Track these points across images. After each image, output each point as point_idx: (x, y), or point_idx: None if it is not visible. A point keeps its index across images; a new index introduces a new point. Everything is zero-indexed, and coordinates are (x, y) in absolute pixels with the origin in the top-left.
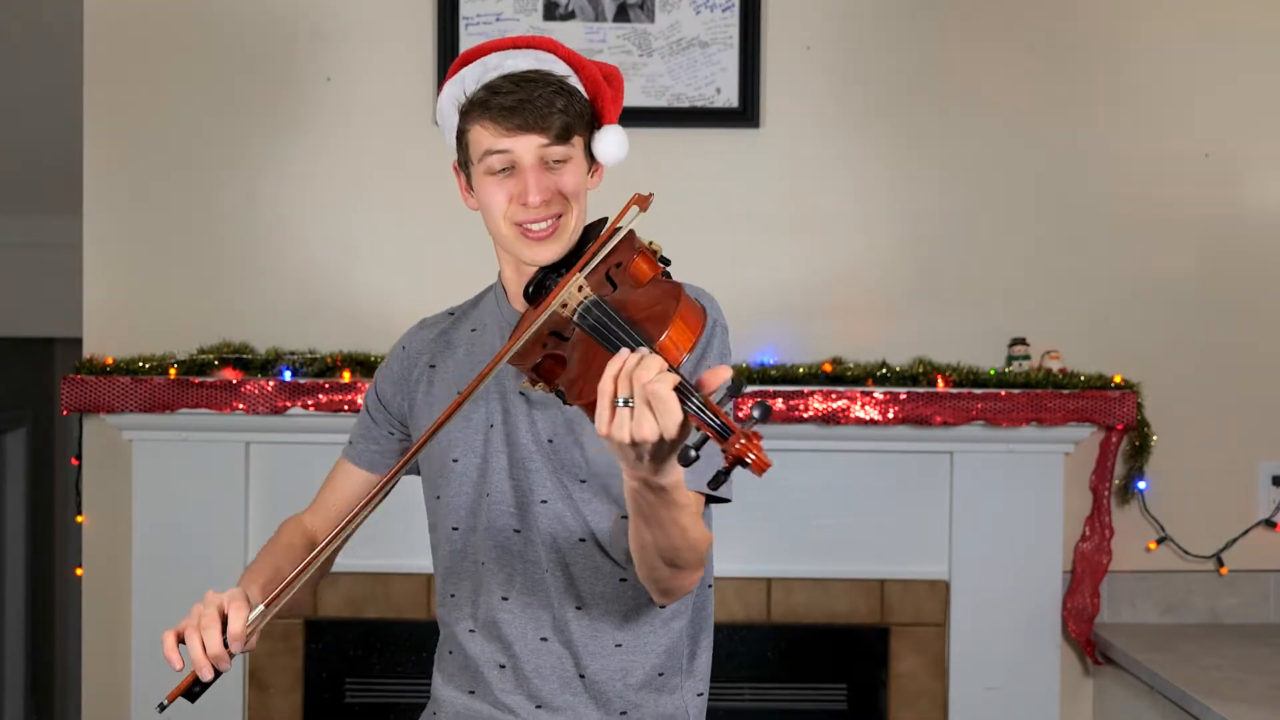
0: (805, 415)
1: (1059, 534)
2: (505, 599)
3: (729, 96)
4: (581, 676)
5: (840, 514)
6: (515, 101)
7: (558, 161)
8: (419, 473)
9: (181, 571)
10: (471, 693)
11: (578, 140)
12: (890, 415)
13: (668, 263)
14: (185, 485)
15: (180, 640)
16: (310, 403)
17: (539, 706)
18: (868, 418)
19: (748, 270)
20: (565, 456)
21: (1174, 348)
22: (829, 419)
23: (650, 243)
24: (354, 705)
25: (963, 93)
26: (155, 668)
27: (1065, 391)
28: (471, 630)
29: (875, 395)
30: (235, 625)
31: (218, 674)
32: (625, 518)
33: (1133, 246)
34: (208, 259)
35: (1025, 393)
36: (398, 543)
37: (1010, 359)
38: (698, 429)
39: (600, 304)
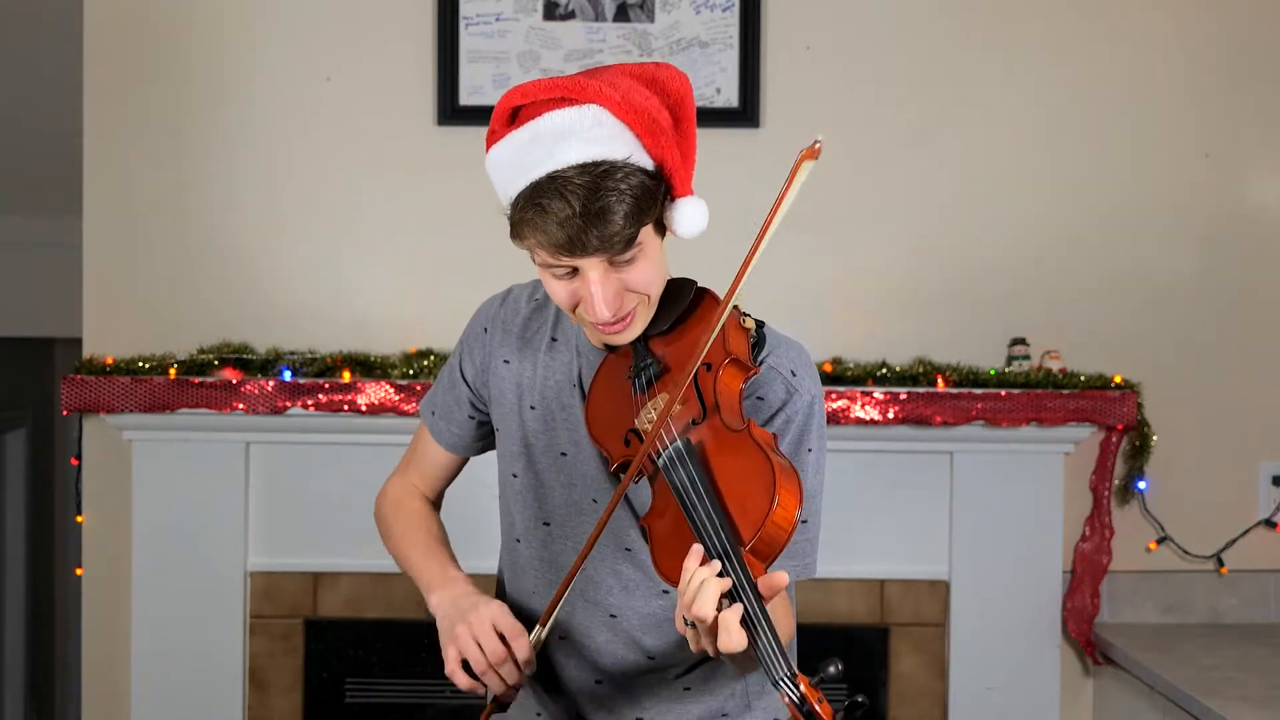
0: None
1: (1059, 534)
2: (563, 638)
3: (729, 96)
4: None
5: (840, 514)
6: (570, 228)
7: (626, 260)
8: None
9: (181, 571)
10: (539, 714)
11: (646, 230)
12: (890, 415)
13: (761, 325)
14: (185, 485)
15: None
16: (310, 403)
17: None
18: (868, 418)
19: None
20: (643, 504)
21: (1174, 348)
22: (829, 419)
23: (744, 319)
24: (354, 705)
25: (963, 93)
26: (155, 668)
27: (1065, 391)
28: (563, 637)
29: (875, 395)
30: (523, 653)
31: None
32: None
33: (1133, 246)
34: (208, 259)
35: (1025, 393)
36: None
37: (1010, 359)
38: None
39: (685, 461)
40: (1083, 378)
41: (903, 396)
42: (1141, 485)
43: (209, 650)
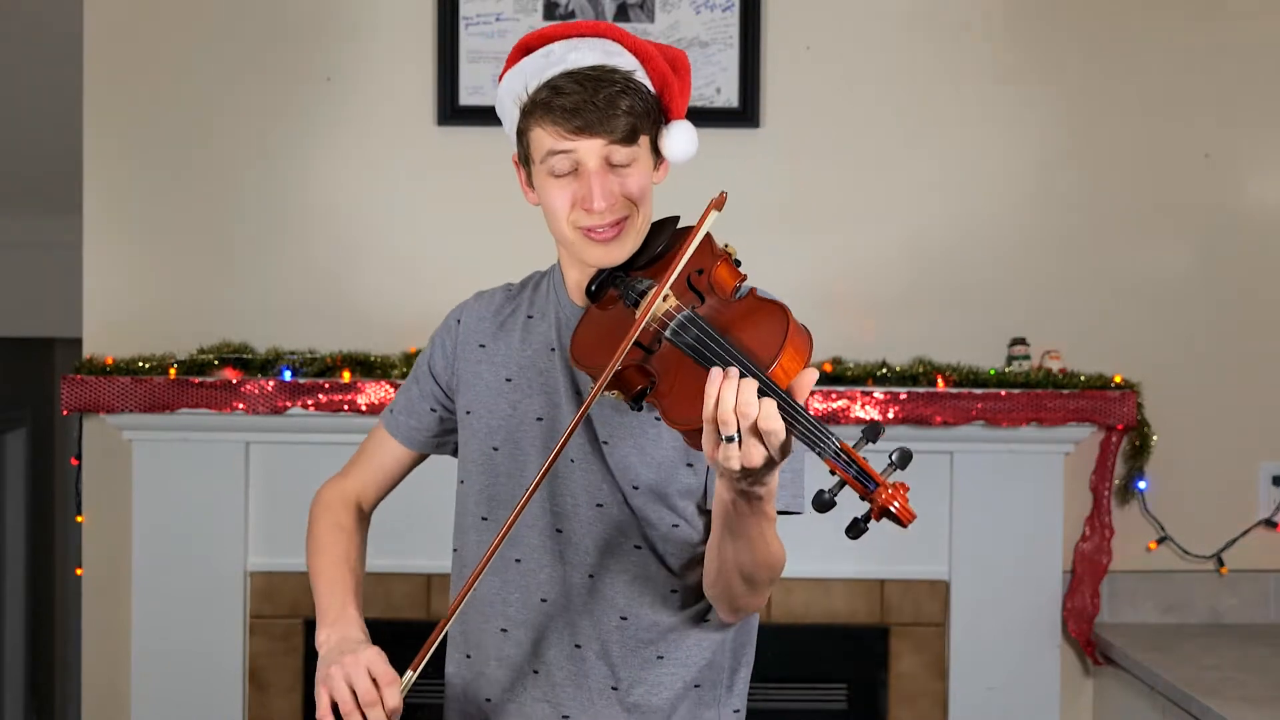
0: None
1: (1059, 534)
2: (544, 600)
3: (729, 96)
4: (614, 689)
5: (840, 514)
6: (578, 102)
7: (622, 164)
8: (454, 453)
9: (181, 571)
10: (488, 700)
11: (644, 139)
12: (890, 415)
13: (740, 264)
14: (185, 485)
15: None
16: (310, 403)
17: (565, 717)
18: (868, 418)
19: (747, 270)
20: (620, 461)
21: (1174, 348)
22: (829, 419)
23: (726, 245)
24: None
25: (962, 93)
26: (155, 668)
27: (1065, 391)
28: (504, 630)
29: (875, 395)
30: (391, 701)
31: None
32: (677, 527)
33: (1133, 246)
34: (208, 259)
35: (1025, 393)
36: (398, 543)
37: (1010, 359)
38: (831, 472)
39: (695, 321)
40: (1083, 378)
41: (903, 396)
42: (1141, 485)
43: (209, 650)
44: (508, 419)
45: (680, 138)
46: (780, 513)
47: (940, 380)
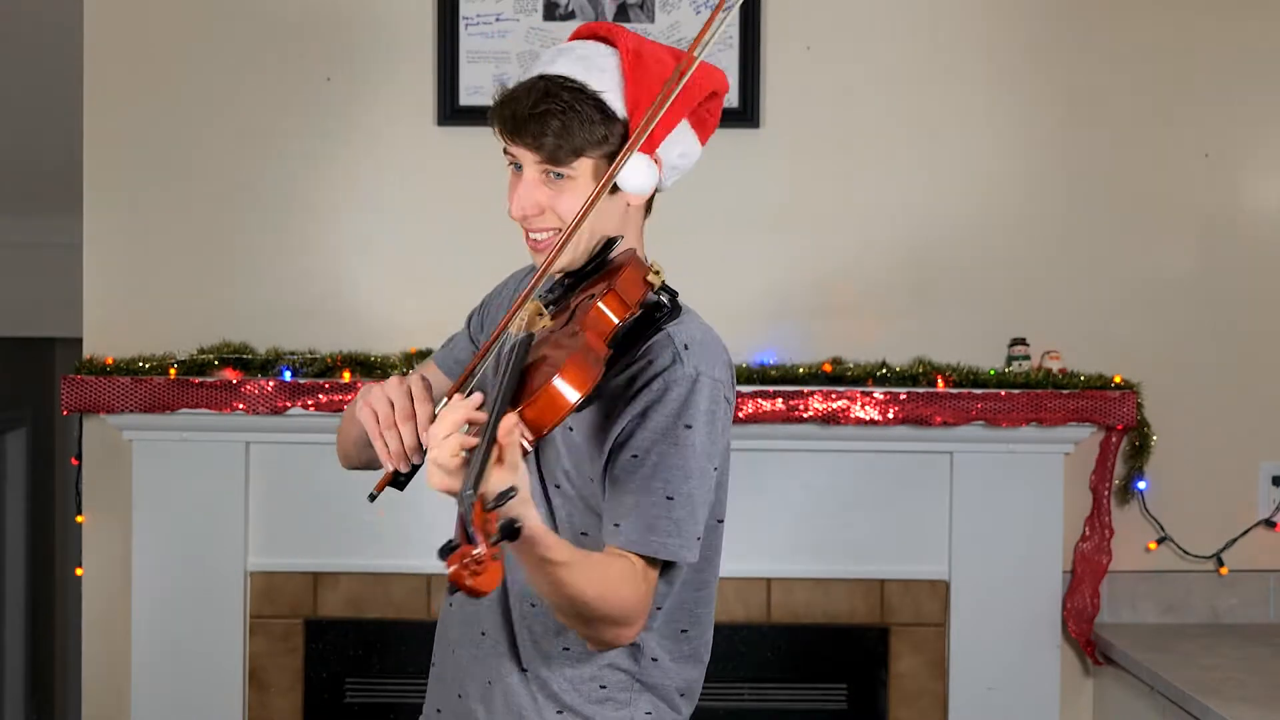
0: (805, 415)
1: (1059, 534)
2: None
3: (729, 96)
4: (524, 670)
5: (840, 514)
6: (513, 112)
7: (559, 178)
8: None
9: (181, 571)
10: (437, 679)
11: (582, 163)
12: (890, 415)
13: (673, 292)
14: (185, 485)
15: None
16: (310, 403)
17: (489, 682)
18: (868, 418)
19: (748, 270)
20: (548, 461)
21: (1174, 348)
22: (829, 419)
23: (657, 273)
24: (354, 705)
25: (962, 93)
26: (155, 668)
27: (1065, 392)
28: (450, 604)
29: (875, 395)
30: (424, 412)
31: (414, 469)
32: (585, 535)
33: (1133, 246)
34: (208, 259)
35: (1025, 393)
36: (398, 543)
37: (1010, 359)
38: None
39: (523, 344)
40: (1083, 378)
41: (903, 396)
42: (1141, 485)
43: (209, 650)
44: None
45: (630, 170)
46: (649, 559)
47: (940, 380)
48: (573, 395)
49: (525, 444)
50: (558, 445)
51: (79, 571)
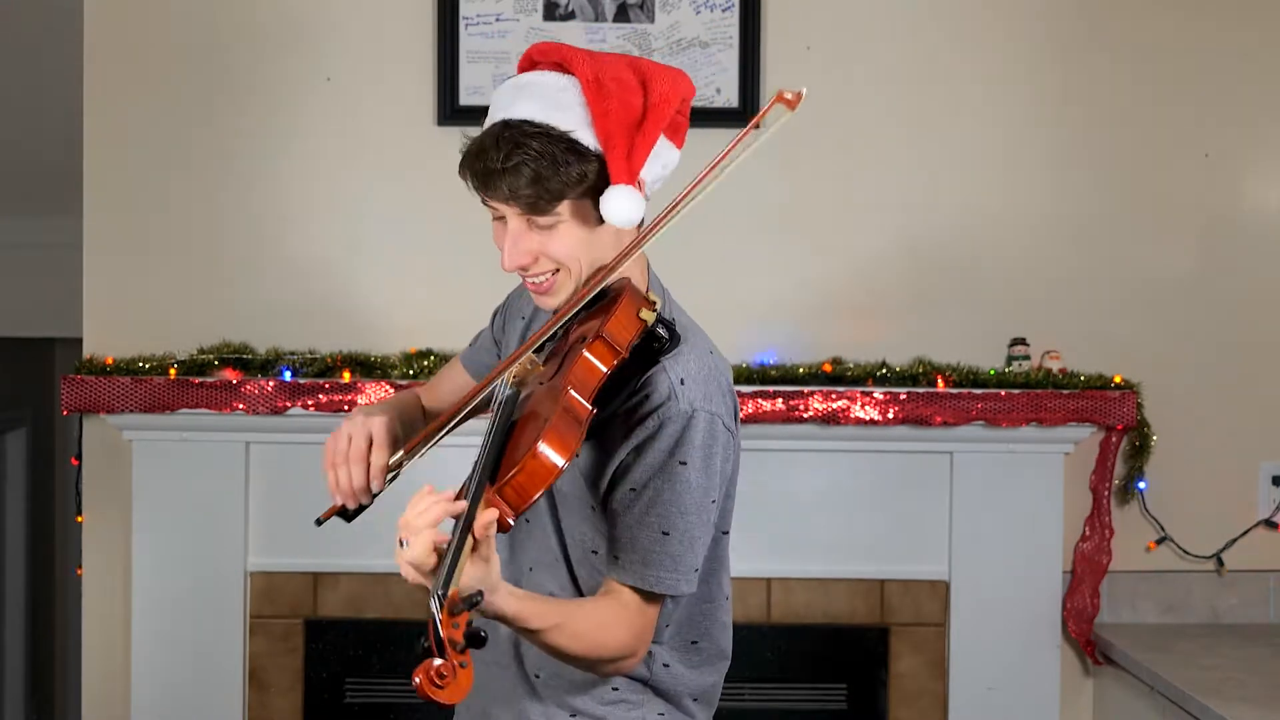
0: (805, 415)
1: (1059, 534)
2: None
3: (729, 96)
4: (537, 676)
5: (840, 514)
6: (487, 168)
7: (544, 226)
8: None
9: (181, 571)
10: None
11: (564, 206)
12: (890, 415)
13: (670, 324)
14: (185, 485)
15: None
16: (310, 403)
17: (486, 714)
18: (868, 418)
19: (748, 270)
20: (559, 481)
21: (1174, 348)
22: (829, 419)
23: (647, 294)
24: (354, 705)
25: (962, 93)
26: (155, 668)
27: (1065, 391)
28: None
29: (875, 395)
30: (379, 460)
31: (361, 506)
32: (595, 553)
33: (1133, 246)
34: (208, 259)
35: (1025, 393)
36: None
37: (1010, 359)
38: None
39: (505, 403)
40: (1083, 378)
41: (903, 396)
42: (1141, 485)
43: (209, 650)
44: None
45: (613, 204)
46: (647, 592)
47: (940, 380)
48: (553, 466)
49: (508, 521)
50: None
51: (79, 571)
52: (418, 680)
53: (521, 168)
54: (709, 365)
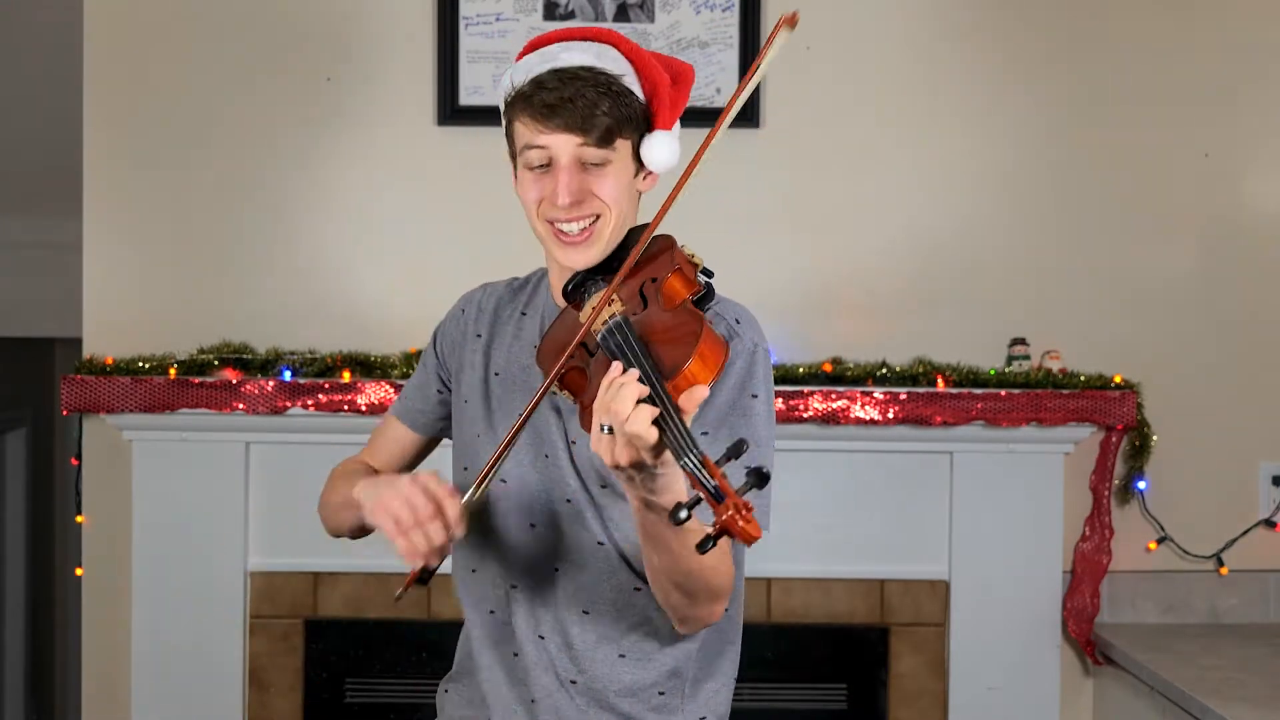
0: (805, 415)
1: (1059, 534)
2: (514, 588)
3: (729, 96)
4: (574, 682)
5: (840, 514)
6: (556, 99)
7: (596, 164)
8: (451, 436)
9: (181, 571)
10: (468, 674)
11: (622, 144)
12: (890, 415)
13: (710, 274)
14: (185, 485)
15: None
16: (310, 403)
17: (533, 701)
18: (868, 418)
19: (748, 270)
20: (587, 460)
21: (1174, 348)
22: (829, 419)
23: (692, 256)
24: (354, 705)
25: (962, 93)
26: (155, 668)
27: (1065, 391)
28: (492, 612)
29: (875, 395)
30: (452, 512)
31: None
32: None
33: (1133, 246)
34: (208, 259)
35: (1025, 393)
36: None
37: (1010, 359)
38: (692, 486)
39: (624, 326)
40: (1083, 378)
41: (903, 396)
42: (1141, 485)
43: (209, 650)
44: (493, 412)
45: (662, 148)
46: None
47: (940, 380)
48: (721, 345)
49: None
50: (594, 454)
51: (79, 571)
52: (725, 516)
53: (597, 99)
54: (746, 310)
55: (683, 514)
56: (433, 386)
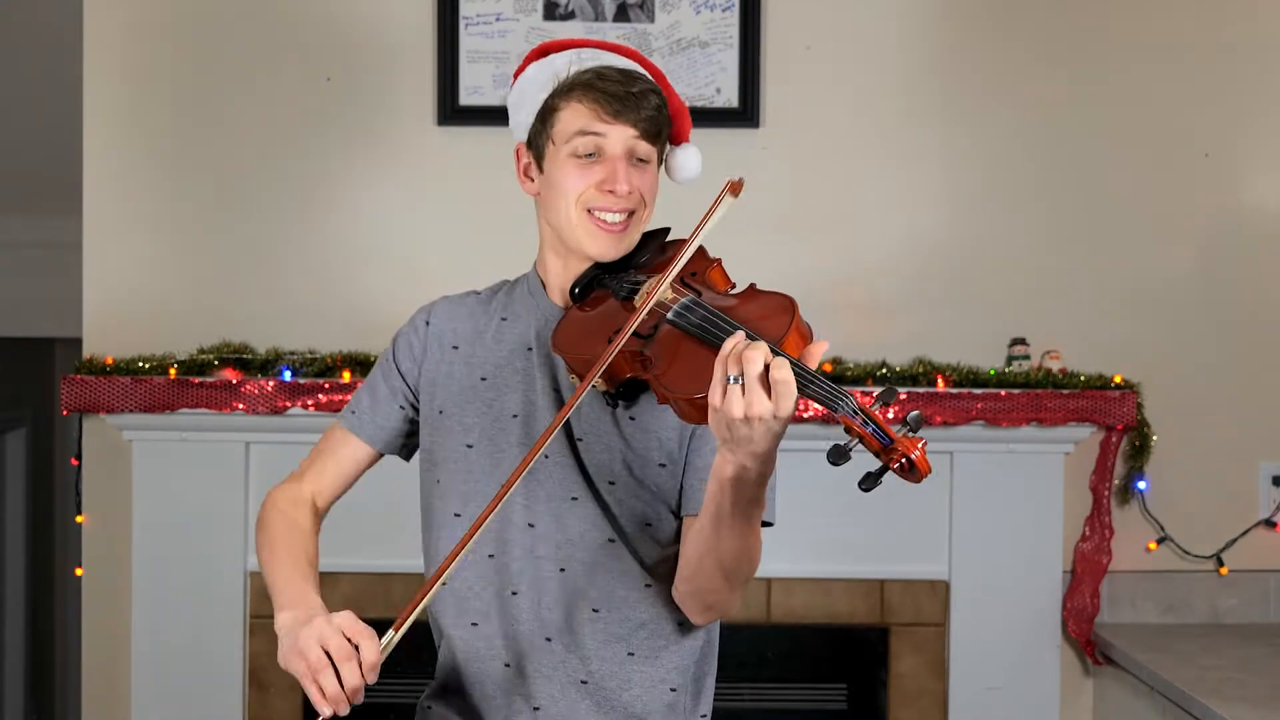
0: (805, 415)
1: (1059, 534)
2: (515, 594)
3: (729, 96)
4: (584, 683)
5: (840, 514)
6: (619, 90)
7: (641, 160)
8: (404, 455)
9: (181, 571)
10: (458, 692)
11: (660, 147)
12: (890, 415)
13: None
14: (185, 485)
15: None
16: (310, 403)
17: (536, 709)
18: None
19: (747, 270)
20: (595, 458)
21: (1174, 348)
22: (829, 419)
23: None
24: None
25: (962, 93)
26: (155, 668)
27: (1065, 391)
28: (474, 624)
29: (875, 395)
30: (370, 655)
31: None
32: (650, 525)
33: (1133, 246)
34: (208, 259)
35: (1025, 393)
36: (398, 542)
37: (1010, 359)
38: (847, 430)
39: (700, 304)
40: (1083, 378)
41: (903, 396)
42: (1141, 485)
43: (209, 650)
44: (483, 416)
45: (692, 159)
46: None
47: (940, 380)
48: (807, 328)
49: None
50: (613, 439)
51: (79, 571)
52: (916, 454)
53: (650, 95)
54: None
55: (846, 448)
56: (396, 402)
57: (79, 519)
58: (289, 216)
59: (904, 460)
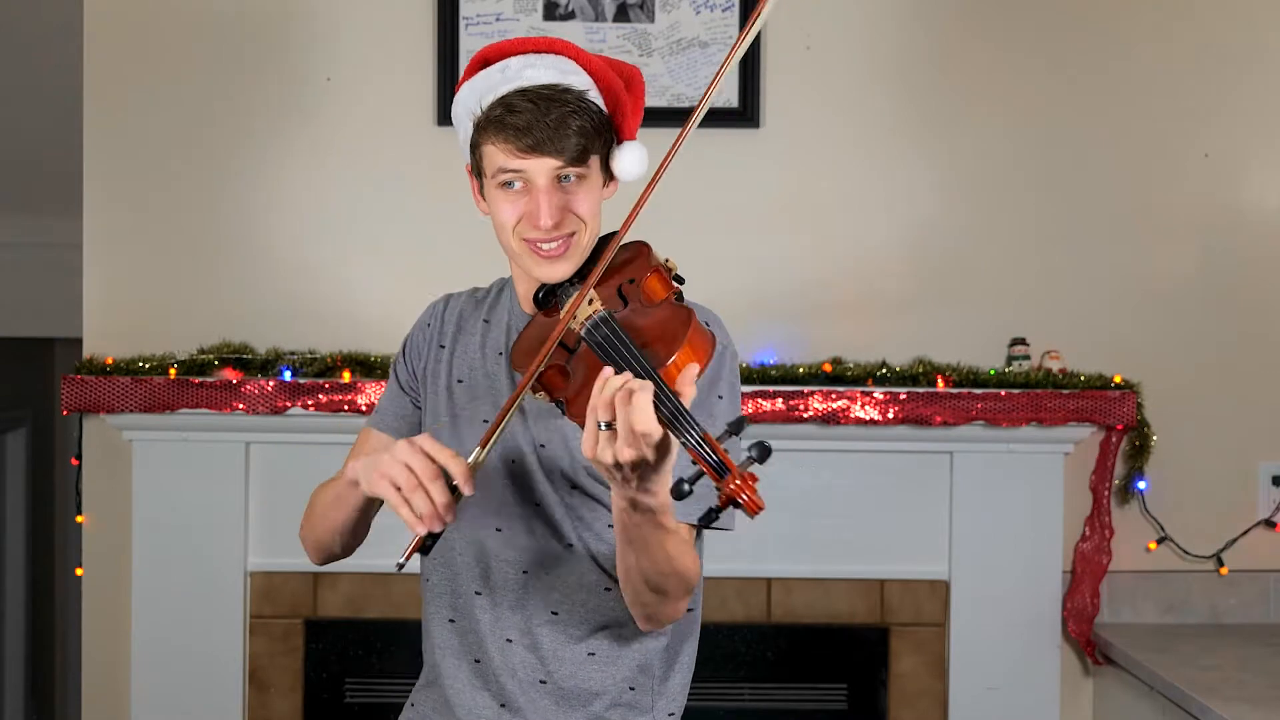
0: (805, 415)
1: (1059, 534)
2: (479, 594)
3: (729, 96)
4: (543, 682)
5: (840, 514)
6: (530, 121)
7: (571, 182)
8: None
9: (181, 571)
10: (431, 683)
11: (593, 160)
12: (890, 415)
13: (682, 281)
14: (185, 485)
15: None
16: (310, 403)
17: (502, 705)
18: (868, 418)
19: (748, 270)
20: (556, 463)
21: (1174, 348)
22: (829, 419)
23: (666, 260)
24: (354, 705)
25: (963, 92)
26: (155, 668)
27: (1065, 391)
28: (451, 620)
29: (875, 395)
30: (458, 468)
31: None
32: (611, 527)
33: (1133, 246)
34: (208, 259)
35: (1025, 393)
36: (397, 543)
37: (1010, 359)
38: (693, 463)
39: (609, 321)
40: (1083, 378)
41: (903, 396)
42: (1141, 485)
43: (209, 650)
44: (454, 419)
45: (631, 159)
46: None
47: (940, 380)
48: (709, 336)
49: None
50: (575, 445)
51: (79, 571)
52: (733, 485)
53: (568, 119)
54: (715, 314)
55: (686, 488)
56: (408, 398)
57: (79, 519)
58: (289, 216)
59: (732, 499)
